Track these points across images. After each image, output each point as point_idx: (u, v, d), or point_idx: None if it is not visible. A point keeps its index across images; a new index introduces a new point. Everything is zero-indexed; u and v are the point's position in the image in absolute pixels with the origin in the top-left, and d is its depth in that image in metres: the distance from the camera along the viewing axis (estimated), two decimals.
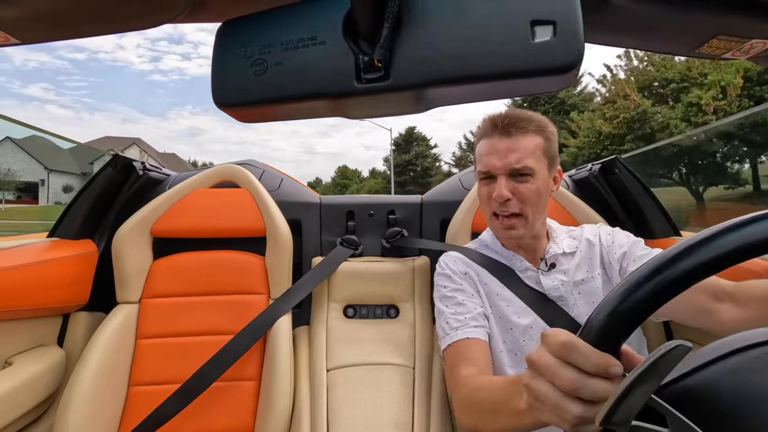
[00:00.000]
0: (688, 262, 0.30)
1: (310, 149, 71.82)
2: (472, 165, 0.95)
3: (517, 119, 0.81)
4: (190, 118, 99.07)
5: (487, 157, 0.81)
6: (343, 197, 1.42)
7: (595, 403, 0.36)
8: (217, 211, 1.20)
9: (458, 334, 0.79)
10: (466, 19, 0.29)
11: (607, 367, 0.34)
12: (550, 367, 0.38)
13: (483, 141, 0.84)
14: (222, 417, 1.03)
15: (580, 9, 0.27)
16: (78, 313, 1.12)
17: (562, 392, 0.37)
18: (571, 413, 0.36)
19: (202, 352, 1.05)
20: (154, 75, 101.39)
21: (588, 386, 0.35)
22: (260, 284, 1.16)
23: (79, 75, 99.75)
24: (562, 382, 0.37)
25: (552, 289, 0.83)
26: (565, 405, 0.37)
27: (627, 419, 0.31)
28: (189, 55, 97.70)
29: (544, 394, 0.38)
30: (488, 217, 0.86)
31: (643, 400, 0.30)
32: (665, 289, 0.30)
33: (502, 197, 0.79)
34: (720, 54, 0.41)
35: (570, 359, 0.36)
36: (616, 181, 1.22)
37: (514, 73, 0.28)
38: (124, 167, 1.19)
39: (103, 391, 0.97)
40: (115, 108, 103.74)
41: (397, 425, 0.95)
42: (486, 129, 0.84)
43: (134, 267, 1.12)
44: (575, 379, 0.36)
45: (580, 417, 0.36)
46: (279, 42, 0.32)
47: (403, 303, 1.25)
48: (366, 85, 0.30)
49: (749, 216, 0.30)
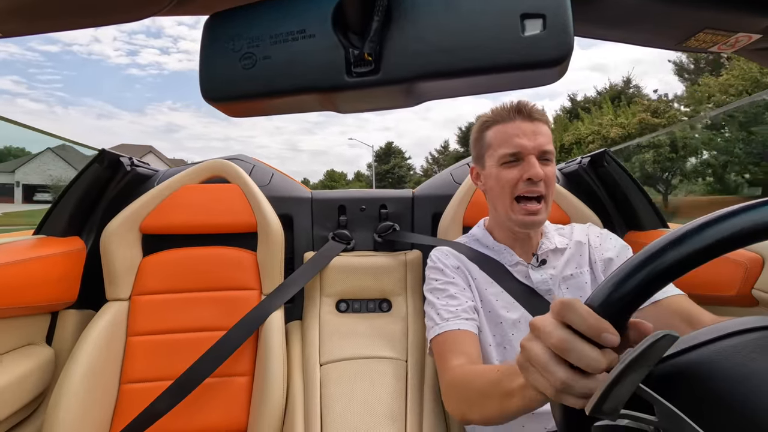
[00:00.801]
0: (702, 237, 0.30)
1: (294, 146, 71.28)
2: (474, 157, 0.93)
3: (535, 107, 0.83)
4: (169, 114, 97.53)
5: (517, 138, 0.81)
6: (335, 192, 1.42)
7: (582, 373, 0.35)
8: (208, 206, 1.19)
9: (449, 324, 0.79)
10: (455, 13, 0.28)
11: (600, 331, 0.34)
12: (547, 327, 0.38)
13: (501, 126, 0.84)
14: (215, 413, 1.03)
15: (569, 2, 0.27)
16: (67, 311, 1.11)
17: (552, 354, 0.37)
18: (555, 376, 0.36)
19: (193, 348, 1.04)
20: (131, 69, 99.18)
21: (576, 348, 0.35)
22: (252, 280, 1.15)
23: (52, 68, 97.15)
24: (552, 340, 0.37)
25: (541, 283, 0.84)
26: (552, 367, 0.36)
27: (616, 408, 0.31)
28: (168, 50, 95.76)
29: (535, 354, 0.38)
30: (508, 202, 0.83)
31: (631, 389, 0.31)
32: (681, 262, 0.31)
33: (540, 175, 0.79)
34: (707, 47, 0.41)
35: (566, 318, 0.36)
36: (605, 173, 1.23)
37: (504, 66, 0.28)
38: (111, 163, 1.17)
39: (94, 389, 0.97)
40: (90, 102, 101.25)
41: (391, 418, 0.96)
42: (504, 115, 0.84)
43: (123, 264, 1.11)
44: (565, 339, 0.36)
45: (563, 383, 0.35)
46: (268, 35, 0.31)
47: (396, 297, 1.25)
48: (356, 79, 0.30)
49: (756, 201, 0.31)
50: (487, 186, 0.88)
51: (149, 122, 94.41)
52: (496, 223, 0.92)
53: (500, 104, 0.85)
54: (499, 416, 0.57)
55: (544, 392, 0.38)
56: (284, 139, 74.13)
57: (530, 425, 0.76)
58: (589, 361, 0.34)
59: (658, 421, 0.30)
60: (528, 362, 0.40)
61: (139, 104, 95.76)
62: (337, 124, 70.82)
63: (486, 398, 0.59)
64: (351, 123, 65.77)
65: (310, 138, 70.39)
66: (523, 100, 0.84)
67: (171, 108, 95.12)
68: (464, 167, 1.39)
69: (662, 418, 0.30)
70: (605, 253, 0.87)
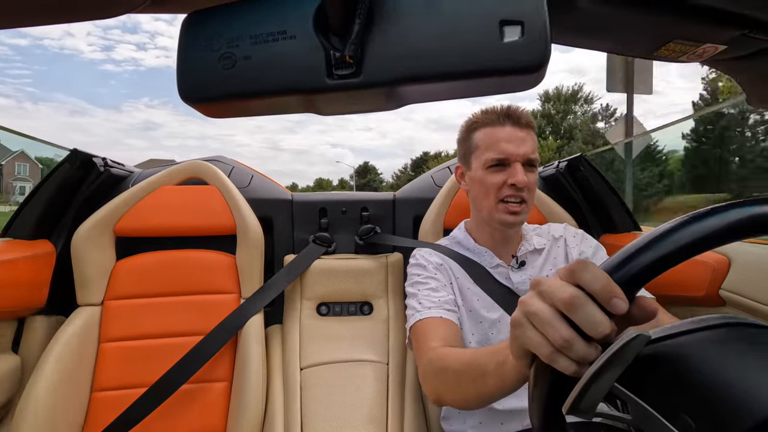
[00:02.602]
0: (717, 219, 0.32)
1: (275, 145, 70.29)
2: (460, 156, 0.94)
3: (525, 113, 0.85)
4: (147, 111, 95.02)
5: (504, 144, 0.82)
6: (316, 194, 1.41)
7: (583, 337, 0.34)
8: (185, 208, 1.16)
9: (431, 312, 0.79)
10: (437, 17, 0.29)
11: (612, 295, 0.32)
12: (554, 285, 0.36)
13: (490, 129, 0.84)
14: (192, 420, 1.01)
15: (546, 10, 0.28)
16: (35, 316, 1.06)
17: (556, 311, 0.35)
18: (560, 333, 0.34)
19: (169, 354, 1.01)
20: (106, 65, 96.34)
21: (586, 308, 0.33)
22: (230, 283, 1.13)
23: (22, 62, 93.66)
24: (562, 295, 0.34)
25: (520, 284, 0.86)
26: (556, 323, 0.34)
27: (592, 406, 0.32)
28: (145, 46, 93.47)
29: (538, 309, 0.36)
30: (493, 203, 0.84)
31: (607, 388, 0.31)
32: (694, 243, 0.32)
33: (524, 182, 0.80)
34: (676, 57, 0.43)
35: (578, 277, 0.34)
36: (581, 178, 1.27)
37: (483, 71, 0.28)
38: (83, 163, 1.13)
39: (64, 397, 0.93)
40: (62, 99, 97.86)
41: (372, 421, 0.96)
42: (493, 118, 0.84)
43: (96, 267, 1.08)
44: (577, 295, 0.34)
45: (566, 340, 0.33)
46: (248, 35, 0.31)
47: (377, 299, 1.25)
48: (337, 81, 0.30)
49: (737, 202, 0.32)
50: (472, 187, 0.89)
51: (126, 120, 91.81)
52: (477, 223, 0.93)
53: (490, 107, 0.86)
54: (474, 398, 0.57)
55: (537, 350, 0.36)
56: (265, 138, 73.21)
57: (509, 424, 0.77)
58: (596, 324, 0.33)
59: (631, 419, 0.31)
60: (526, 317, 0.37)
61: (115, 101, 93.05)
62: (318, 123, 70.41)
63: (461, 379, 0.59)
64: (332, 123, 65.65)
65: (292, 137, 69.73)
66: (513, 105, 0.85)
67: (148, 105, 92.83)
68: (445, 170, 1.41)
69: (636, 416, 0.30)
70: (583, 252, 0.89)
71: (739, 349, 0.30)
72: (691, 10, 0.36)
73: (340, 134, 61.67)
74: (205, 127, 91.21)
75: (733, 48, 0.41)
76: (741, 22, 0.37)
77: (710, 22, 0.37)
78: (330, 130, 63.81)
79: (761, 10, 0.36)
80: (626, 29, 0.41)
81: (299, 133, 68.63)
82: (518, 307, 0.39)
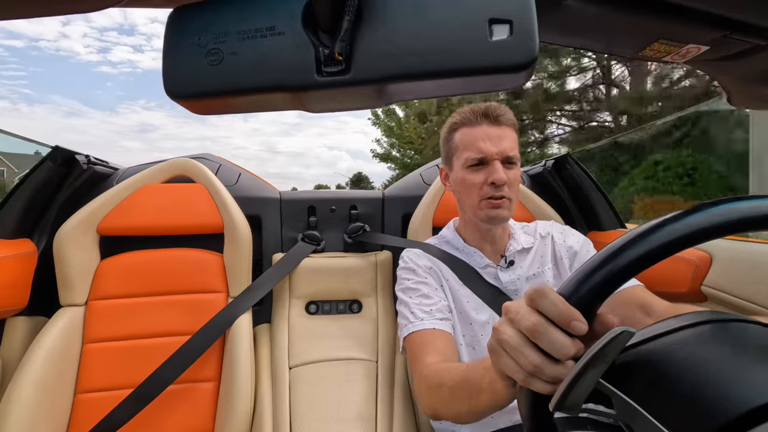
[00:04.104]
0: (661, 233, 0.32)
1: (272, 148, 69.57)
2: (443, 158, 0.94)
3: (504, 111, 0.84)
4: (143, 113, 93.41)
5: (482, 143, 0.82)
6: (305, 192, 1.40)
7: (552, 360, 0.36)
8: (171, 207, 1.14)
9: (424, 323, 0.79)
10: (426, 15, 0.29)
11: (570, 319, 0.35)
12: (520, 312, 0.38)
13: (468, 129, 0.85)
14: (179, 421, 0.99)
15: (534, 9, 0.28)
16: (15, 318, 1.04)
17: (524, 338, 0.38)
18: (528, 359, 0.37)
19: (156, 354, 1.00)
20: (102, 66, 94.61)
21: (548, 334, 0.36)
22: (218, 282, 1.12)
23: (17, 63, 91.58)
24: (526, 324, 0.37)
25: (509, 283, 0.86)
26: (525, 350, 0.37)
27: (578, 403, 0.32)
28: (141, 47, 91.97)
29: (508, 336, 0.39)
30: (476, 203, 0.85)
31: (592, 384, 0.32)
32: (641, 258, 0.32)
33: (503, 180, 0.81)
34: (660, 57, 0.43)
35: (538, 305, 0.37)
36: (568, 176, 1.28)
37: (472, 70, 0.28)
38: (65, 160, 1.11)
39: (47, 400, 0.91)
40: (57, 100, 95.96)
41: (361, 419, 0.96)
42: (471, 118, 0.85)
43: (79, 267, 1.05)
44: (538, 323, 0.36)
45: (535, 366, 0.36)
46: (235, 31, 0.31)
47: (366, 298, 1.25)
48: (326, 79, 0.30)
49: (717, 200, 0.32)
50: (455, 187, 0.90)
51: (122, 121, 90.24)
52: (465, 223, 0.94)
53: (469, 107, 0.87)
54: (468, 414, 0.58)
55: (513, 376, 0.39)
56: (261, 141, 72.42)
57: (499, 418, 0.78)
58: (560, 347, 0.35)
59: (616, 414, 0.31)
60: (499, 345, 0.40)
61: (111, 103, 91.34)
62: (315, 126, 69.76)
63: (456, 395, 0.60)
64: (330, 126, 65.07)
65: (288, 140, 69.01)
66: (493, 104, 0.86)
67: (144, 107, 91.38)
68: (434, 168, 1.41)
69: (620, 410, 0.31)
70: (570, 247, 0.90)
71: (720, 347, 0.31)
72: (675, 10, 0.37)
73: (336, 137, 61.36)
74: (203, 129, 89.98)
75: (715, 49, 0.41)
76: (722, 23, 0.38)
77: (693, 23, 0.38)
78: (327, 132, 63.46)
79: (742, 12, 0.37)
80: (612, 29, 0.41)
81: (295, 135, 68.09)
82: (492, 334, 0.42)
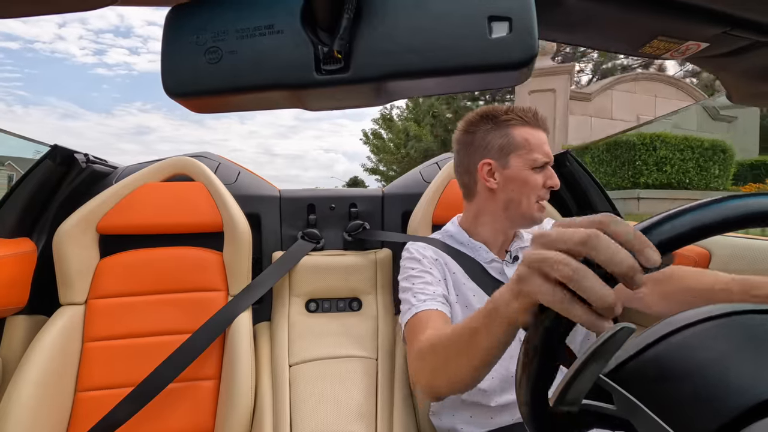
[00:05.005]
0: None
1: (269, 150, 69.27)
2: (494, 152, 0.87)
3: None
4: (139, 116, 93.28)
5: (546, 147, 0.86)
6: (304, 190, 1.40)
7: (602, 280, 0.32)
8: (170, 205, 1.14)
9: (426, 305, 0.78)
10: (425, 13, 0.29)
11: (645, 245, 0.31)
12: (563, 231, 0.34)
13: (531, 130, 0.86)
14: (179, 419, 1.00)
15: (534, 6, 0.28)
16: (15, 317, 1.04)
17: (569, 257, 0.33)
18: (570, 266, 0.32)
19: (156, 353, 1.00)
20: (98, 69, 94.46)
21: (611, 246, 0.32)
22: (218, 281, 1.12)
23: (12, 65, 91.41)
24: (580, 235, 0.33)
25: None
26: (567, 260, 0.33)
27: (578, 399, 0.33)
28: (137, 50, 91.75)
29: (547, 254, 0.34)
30: (533, 202, 0.87)
31: (592, 380, 0.32)
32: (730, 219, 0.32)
33: (558, 186, 0.87)
34: (660, 54, 0.43)
35: (610, 227, 0.33)
36: (567, 173, 1.28)
37: (471, 67, 0.28)
38: (64, 159, 1.10)
39: (47, 398, 0.91)
40: (53, 102, 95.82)
41: (361, 417, 0.96)
42: (530, 119, 0.87)
43: (79, 266, 1.05)
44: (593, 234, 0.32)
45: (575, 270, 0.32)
46: (234, 29, 0.31)
47: (366, 295, 1.25)
48: (325, 77, 0.30)
49: None
50: (507, 185, 0.86)
51: (118, 124, 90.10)
52: (492, 218, 0.90)
53: (518, 106, 0.88)
54: (467, 367, 0.54)
55: (547, 298, 0.34)
56: (258, 143, 72.18)
57: (498, 417, 0.79)
58: (620, 261, 0.31)
59: (616, 410, 0.32)
60: (533, 266, 0.36)
61: (107, 105, 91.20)
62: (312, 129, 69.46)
63: (451, 354, 0.58)
64: (326, 128, 64.85)
65: (285, 142, 68.72)
66: (532, 107, 0.89)
67: (141, 109, 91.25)
68: (433, 166, 1.41)
69: (620, 406, 0.31)
70: None
71: (724, 342, 0.31)
72: (675, 7, 0.37)
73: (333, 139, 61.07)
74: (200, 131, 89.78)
75: (715, 45, 0.41)
76: (723, 20, 0.38)
77: (693, 20, 0.38)
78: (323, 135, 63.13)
79: (742, 9, 0.37)
80: (612, 26, 0.41)
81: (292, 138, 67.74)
82: (522, 262, 0.38)
